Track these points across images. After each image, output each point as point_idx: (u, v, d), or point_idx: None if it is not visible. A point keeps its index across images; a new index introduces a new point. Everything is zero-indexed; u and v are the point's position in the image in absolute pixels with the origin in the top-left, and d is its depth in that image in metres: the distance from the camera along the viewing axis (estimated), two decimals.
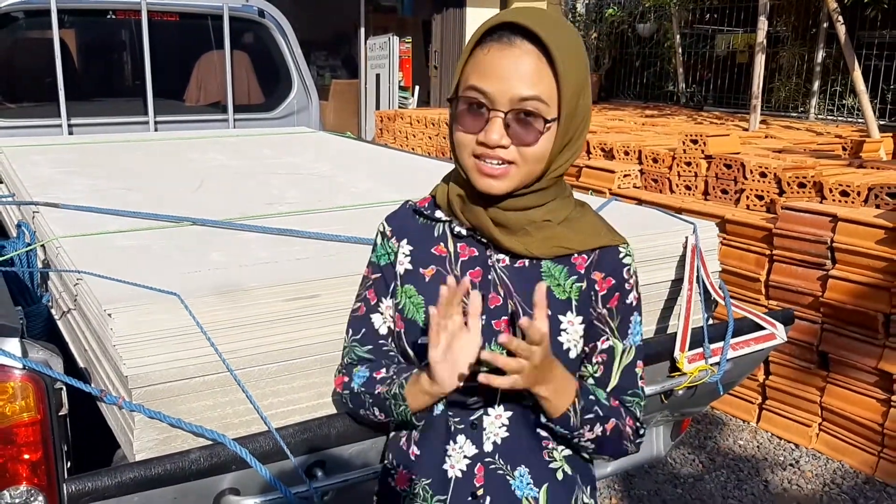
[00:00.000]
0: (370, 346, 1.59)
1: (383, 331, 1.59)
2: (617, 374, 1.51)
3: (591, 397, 1.45)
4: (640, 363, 1.55)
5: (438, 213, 1.54)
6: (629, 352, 1.52)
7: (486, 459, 1.47)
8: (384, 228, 1.61)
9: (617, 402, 1.50)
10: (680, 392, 2.22)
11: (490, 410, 1.46)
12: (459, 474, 1.46)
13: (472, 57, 1.38)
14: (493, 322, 1.47)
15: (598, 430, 1.45)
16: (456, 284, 1.34)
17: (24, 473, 1.55)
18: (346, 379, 1.60)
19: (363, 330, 1.60)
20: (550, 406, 1.40)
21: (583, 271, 1.49)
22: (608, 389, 1.51)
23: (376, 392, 1.52)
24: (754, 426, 4.32)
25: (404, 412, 1.48)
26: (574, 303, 1.48)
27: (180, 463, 1.56)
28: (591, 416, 1.43)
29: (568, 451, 1.52)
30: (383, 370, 1.54)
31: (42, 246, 2.30)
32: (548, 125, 1.35)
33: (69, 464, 1.65)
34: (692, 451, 4.03)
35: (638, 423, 1.53)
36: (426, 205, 1.57)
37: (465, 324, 1.36)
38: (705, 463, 3.93)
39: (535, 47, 1.34)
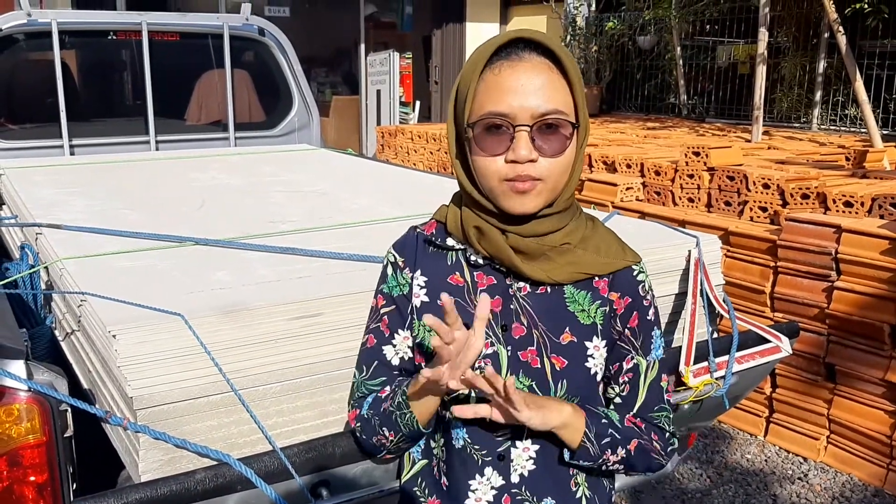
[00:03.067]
0: (383, 379, 1.54)
1: (395, 362, 1.54)
2: (644, 391, 1.51)
3: (604, 421, 1.45)
4: (664, 376, 1.55)
5: (450, 242, 1.50)
6: (653, 367, 1.52)
7: (513, 491, 1.45)
8: (395, 258, 1.55)
9: (633, 420, 1.51)
10: (686, 406, 2.21)
11: (518, 443, 1.45)
12: None
13: (481, 80, 1.36)
14: (519, 353, 1.44)
15: (621, 452, 1.45)
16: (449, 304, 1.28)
17: (30, 495, 1.55)
18: (359, 411, 1.56)
19: (375, 363, 1.55)
20: (565, 440, 1.42)
21: (606, 294, 1.48)
22: (636, 408, 1.51)
23: (382, 409, 1.49)
24: (762, 440, 4.30)
25: (410, 420, 1.44)
26: (599, 327, 1.47)
27: (186, 483, 1.56)
28: (608, 439, 1.44)
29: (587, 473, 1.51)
30: (387, 389, 1.51)
31: (45, 267, 2.30)
32: (572, 131, 1.35)
33: (75, 485, 1.64)
34: (699, 466, 4.01)
35: (668, 436, 1.53)
36: (433, 231, 1.53)
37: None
38: (713, 477, 3.91)
39: (544, 59, 1.35)
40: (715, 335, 2.39)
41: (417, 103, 11.66)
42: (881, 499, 3.72)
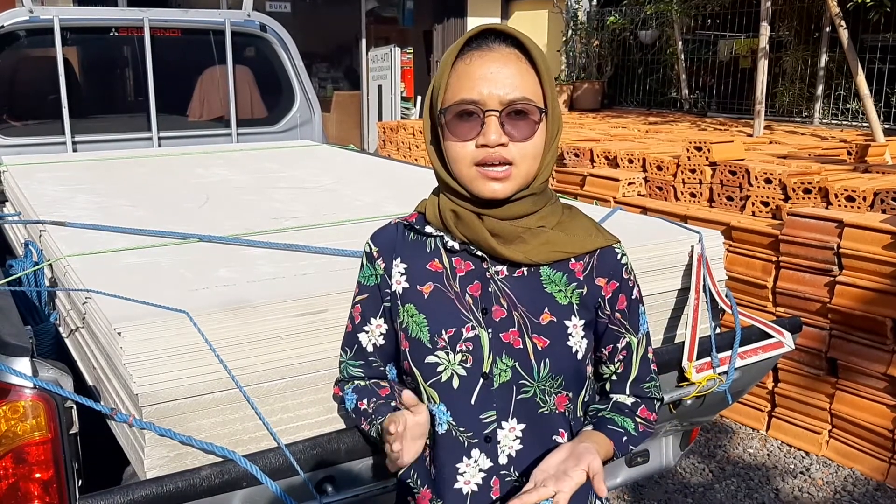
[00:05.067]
0: (361, 363, 1.64)
1: (370, 349, 1.62)
2: (636, 366, 1.58)
3: (625, 439, 1.52)
4: (650, 349, 1.62)
5: (429, 229, 1.54)
6: (642, 342, 1.58)
7: (502, 472, 1.48)
8: (370, 249, 1.61)
9: (639, 414, 1.57)
10: (689, 402, 2.22)
11: (504, 423, 1.47)
12: (476, 488, 1.48)
13: (453, 71, 1.42)
14: (500, 335, 1.47)
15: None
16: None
17: (36, 492, 1.55)
18: (341, 393, 1.68)
19: (355, 346, 1.63)
20: None
21: (581, 278, 1.51)
22: (629, 381, 1.58)
23: (361, 425, 1.61)
24: (764, 434, 4.30)
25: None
26: (575, 307, 1.50)
27: (191, 480, 1.57)
28: (633, 447, 1.54)
29: None
30: (365, 401, 1.59)
31: (50, 264, 2.30)
32: (540, 117, 1.40)
33: (80, 482, 1.65)
34: (702, 461, 4.02)
35: (657, 404, 1.63)
36: (414, 220, 1.58)
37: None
38: (715, 472, 3.92)
39: (513, 49, 1.41)
40: (718, 330, 2.39)
41: (419, 98, 11.65)
42: (883, 493, 3.72)
